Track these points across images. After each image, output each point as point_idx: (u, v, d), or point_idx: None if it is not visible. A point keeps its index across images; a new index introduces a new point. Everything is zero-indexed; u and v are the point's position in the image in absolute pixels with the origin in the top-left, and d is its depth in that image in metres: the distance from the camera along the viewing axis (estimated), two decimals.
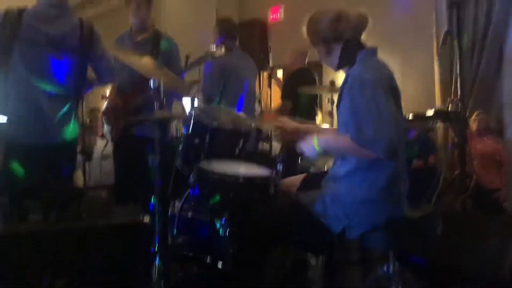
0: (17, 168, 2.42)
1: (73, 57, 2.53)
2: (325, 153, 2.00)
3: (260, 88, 4.95)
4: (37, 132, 2.47)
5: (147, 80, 2.91)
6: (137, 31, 3.12)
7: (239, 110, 3.08)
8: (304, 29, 2.04)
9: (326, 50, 2.00)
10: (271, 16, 7.17)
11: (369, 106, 1.78)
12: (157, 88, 2.08)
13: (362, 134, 1.77)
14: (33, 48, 2.42)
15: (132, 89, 3.06)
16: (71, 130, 2.60)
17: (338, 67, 2.02)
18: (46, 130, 2.49)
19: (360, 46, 1.99)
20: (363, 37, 2.01)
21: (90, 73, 2.73)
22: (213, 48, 2.97)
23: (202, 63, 2.94)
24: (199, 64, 2.93)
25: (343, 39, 1.96)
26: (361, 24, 1.97)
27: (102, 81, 2.82)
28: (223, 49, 3.42)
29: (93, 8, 9.05)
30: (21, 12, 2.42)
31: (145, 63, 2.29)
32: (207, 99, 3.38)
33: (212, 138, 2.47)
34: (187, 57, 3.04)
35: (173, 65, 2.93)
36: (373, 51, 2.00)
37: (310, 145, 1.97)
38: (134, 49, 3.08)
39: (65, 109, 2.54)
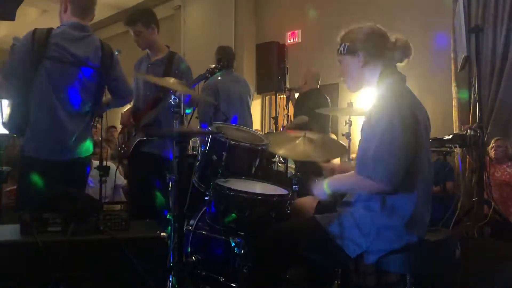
0: (35, 182, 2.47)
1: (93, 76, 2.62)
2: (337, 192, 2.00)
3: (276, 109, 4.99)
4: (56, 148, 2.52)
5: (159, 98, 3.03)
6: (152, 53, 3.24)
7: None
8: (342, 34, 2.00)
9: (364, 61, 1.94)
10: (289, 40, 7.25)
11: (383, 135, 1.76)
12: (177, 105, 2.10)
13: (364, 163, 1.78)
14: (59, 66, 2.51)
15: (145, 107, 3.15)
16: (87, 146, 2.67)
17: (378, 84, 1.95)
18: (65, 146, 2.54)
19: (395, 70, 1.98)
20: None
21: (106, 94, 2.82)
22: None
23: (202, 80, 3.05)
24: (200, 80, 3.03)
25: (384, 58, 1.95)
26: (407, 51, 1.97)
27: (118, 102, 2.90)
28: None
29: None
30: (49, 31, 2.52)
31: (170, 81, 2.33)
32: (202, 117, 3.71)
33: (229, 156, 2.49)
34: None
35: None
36: (404, 78, 1.98)
37: (321, 189, 1.98)
38: (149, 70, 3.22)
39: (83, 125, 2.63)
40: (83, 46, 2.60)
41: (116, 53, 3.56)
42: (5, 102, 2.79)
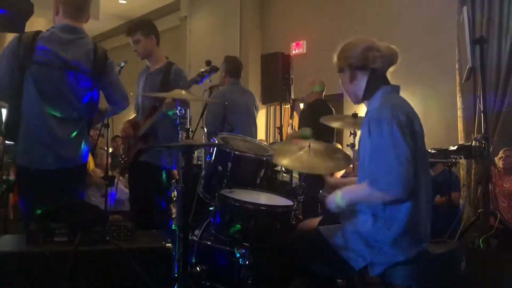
0: (29, 192, 2.41)
1: (85, 81, 2.48)
2: (351, 205, 1.96)
3: (281, 119, 5.01)
4: (48, 156, 2.42)
5: (155, 107, 3.06)
6: (151, 63, 3.32)
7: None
8: (334, 55, 2.06)
9: (350, 76, 1.99)
10: (294, 50, 7.28)
11: (387, 146, 1.77)
12: (183, 116, 2.12)
13: (378, 177, 1.77)
14: (46, 71, 2.38)
15: (144, 117, 3.18)
16: (81, 154, 2.54)
17: (363, 99, 2.02)
18: (56, 154, 2.43)
19: (385, 81, 2.00)
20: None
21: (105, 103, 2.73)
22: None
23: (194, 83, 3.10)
24: (191, 84, 3.09)
25: (369, 68, 1.97)
26: (390, 57, 1.98)
27: (113, 108, 2.76)
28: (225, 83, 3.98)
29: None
30: (35, 35, 2.40)
31: (182, 93, 2.35)
32: (210, 126, 3.75)
33: (234, 166, 2.50)
34: None
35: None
36: (396, 89, 2.00)
37: (334, 201, 1.95)
38: (148, 79, 3.28)
39: (76, 132, 2.49)
40: (73, 49, 2.46)
41: (123, 64, 3.61)
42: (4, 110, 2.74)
